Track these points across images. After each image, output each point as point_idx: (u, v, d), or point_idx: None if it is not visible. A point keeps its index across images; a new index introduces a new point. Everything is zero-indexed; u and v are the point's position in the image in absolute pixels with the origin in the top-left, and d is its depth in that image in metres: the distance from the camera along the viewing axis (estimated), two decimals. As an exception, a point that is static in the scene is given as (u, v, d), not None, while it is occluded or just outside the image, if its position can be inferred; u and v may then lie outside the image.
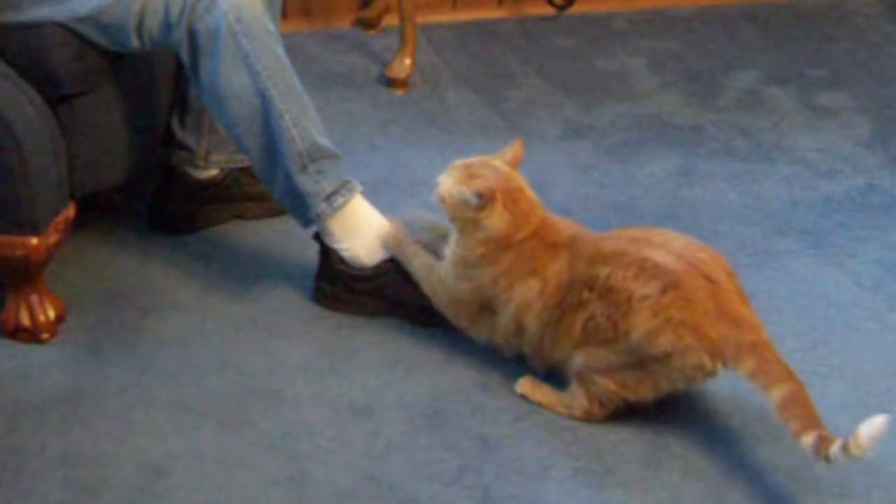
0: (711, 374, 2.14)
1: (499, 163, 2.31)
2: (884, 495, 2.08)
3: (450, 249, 2.36)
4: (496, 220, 2.25)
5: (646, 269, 2.15)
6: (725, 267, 2.21)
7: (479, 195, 2.23)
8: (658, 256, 2.17)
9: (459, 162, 2.32)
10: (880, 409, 2.27)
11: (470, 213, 2.26)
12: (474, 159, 2.32)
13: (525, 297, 2.26)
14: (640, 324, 2.12)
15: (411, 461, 2.17)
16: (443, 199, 2.29)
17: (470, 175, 2.27)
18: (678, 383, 2.17)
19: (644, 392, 2.19)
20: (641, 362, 2.15)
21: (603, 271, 2.17)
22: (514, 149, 2.33)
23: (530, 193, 2.30)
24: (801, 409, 2.03)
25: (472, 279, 2.32)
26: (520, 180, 2.30)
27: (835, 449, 1.95)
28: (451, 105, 3.41)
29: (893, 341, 2.48)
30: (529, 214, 2.27)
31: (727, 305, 2.14)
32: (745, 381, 2.10)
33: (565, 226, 2.32)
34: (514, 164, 2.32)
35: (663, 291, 2.12)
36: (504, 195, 2.25)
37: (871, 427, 1.93)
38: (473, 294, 2.32)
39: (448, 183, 2.29)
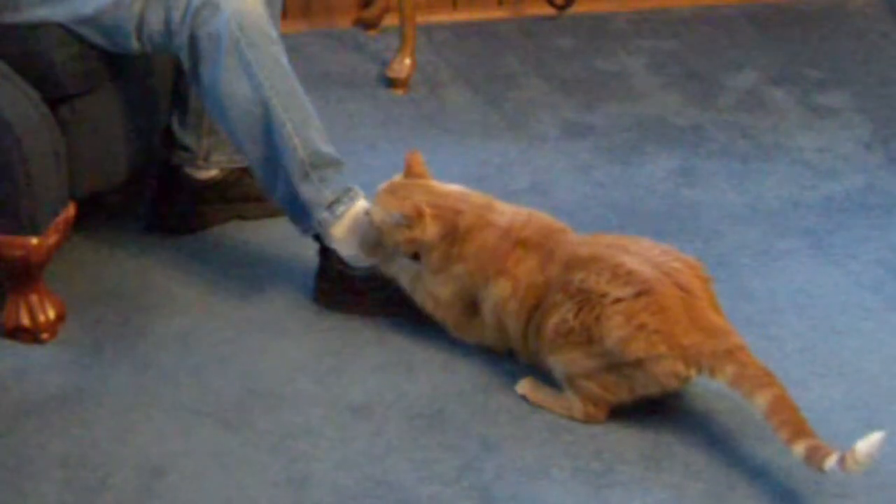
0: (686, 380, 2.16)
1: (399, 179, 2.39)
2: (884, 495, 2.08)
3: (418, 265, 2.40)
4: (428, 230, 2.31)
5: (619, 274, 2.16)
6: (700, 275, 2.22)
7: (406, 217, 2.30)
8: (632, 263, 2.18)
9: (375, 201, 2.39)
10: (880, 410, 2.28)
11: (405, 233, 2.32)
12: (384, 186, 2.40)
13: (499, 296, 2.28)
14: (614, 329, 2.13)
15: (411, 461, 2.17)
16: (379, 230, 2.37)
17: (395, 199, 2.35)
18: (652, 388, 2.17)
19: (621, 394, 2.20)
20: (616, 366, 2.16)
21: (577, 276, 2.19)
22: (410, 161, 2.41)
23: (442, 187, 2.37)
24: (787, 414, 2.03)
25: (451, 281, 2.33)
26: (426, 182, 2.39)
27: (831, 462, 1.96)
28: (451, 105, 3.41)
29: (893, 341, 2.48)
30: (456, 204, 2.33)
31: (699, 314, 2.15)
32: (727, 388, 2.11)
33: (539, 224, 2.33)
34: (420, 172, 2.40)
35: (636, 297, 2.14)
36: (431, 208, 2.32)
37: (870, 443, 1.94)
38: (457, 295, 2.34)
39: (376, 211, 2.37)
